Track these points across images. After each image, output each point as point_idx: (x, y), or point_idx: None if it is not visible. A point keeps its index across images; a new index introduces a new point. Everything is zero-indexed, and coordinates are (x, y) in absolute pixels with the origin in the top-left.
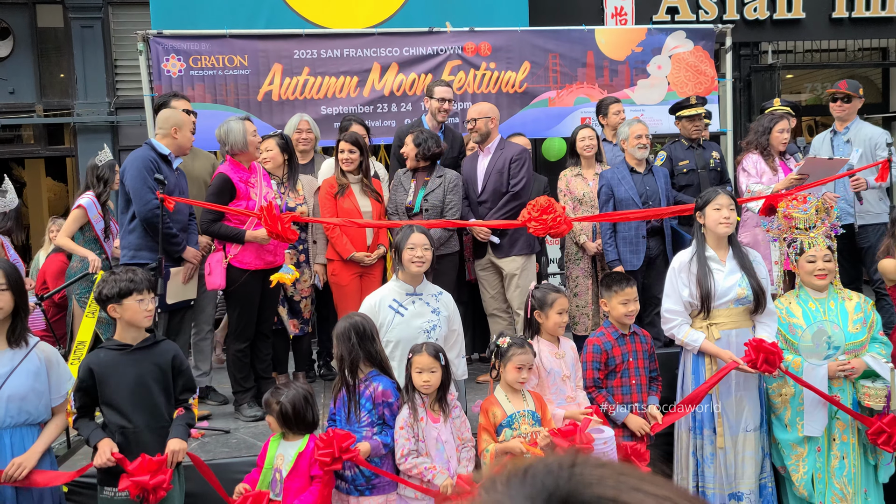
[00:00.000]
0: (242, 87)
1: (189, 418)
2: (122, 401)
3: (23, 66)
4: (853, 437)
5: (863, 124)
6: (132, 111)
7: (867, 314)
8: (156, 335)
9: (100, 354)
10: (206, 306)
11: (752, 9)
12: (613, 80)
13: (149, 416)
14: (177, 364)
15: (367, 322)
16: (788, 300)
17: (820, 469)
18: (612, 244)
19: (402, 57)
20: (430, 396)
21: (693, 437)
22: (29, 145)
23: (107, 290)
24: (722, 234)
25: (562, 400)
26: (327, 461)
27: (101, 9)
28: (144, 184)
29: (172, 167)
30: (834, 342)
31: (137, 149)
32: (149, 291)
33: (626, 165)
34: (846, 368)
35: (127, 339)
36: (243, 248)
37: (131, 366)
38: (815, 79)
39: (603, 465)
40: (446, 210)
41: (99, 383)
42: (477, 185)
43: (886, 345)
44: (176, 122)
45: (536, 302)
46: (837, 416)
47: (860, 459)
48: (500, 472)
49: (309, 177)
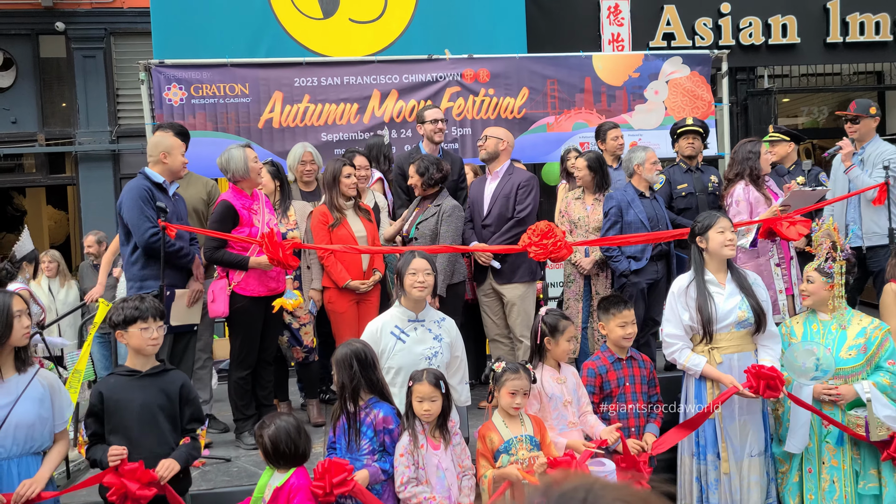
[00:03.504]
0: (243, 114)
1: (193, 448)
2: (128, 425)
3: (25, 96)
4: (844, 462)
5: (880, 143)
6: (134, 140)
7: (871, 341)
8: (166, 363)
9: (110, 380)
10: (202, 334)
11: (747, 34)
12: (611, 105)
13: (154, 442)
14: (185, 393)
15: (367, 349)
16: (797, 320)
17: (811, 490)
18: (619, 257)
19: (401, 84)
20: (431, 423)
21: (697, 463)
22: (30, 174)
23: (115, 316)
24: (726, 256)
25: (563, 426)
26: (320, 494)
27: (104, 39)
28: (141, 213)
29: (169, 194)
30: (823, 365)
31: (132, 179)
32: (154, 319)
33: (634, 189)
34: (832, 393)
35: (136, 365)
36: (247, 275)
37: (139, 391)
38: (811, 102)
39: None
40: (440, 239)
41: (107, 408)
42: (482, 209)
43: (895, 376)
44: (164, 147)
45: (548, 328)
46: (827, 440)
47: (852, 486)
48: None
49: (301, 202)
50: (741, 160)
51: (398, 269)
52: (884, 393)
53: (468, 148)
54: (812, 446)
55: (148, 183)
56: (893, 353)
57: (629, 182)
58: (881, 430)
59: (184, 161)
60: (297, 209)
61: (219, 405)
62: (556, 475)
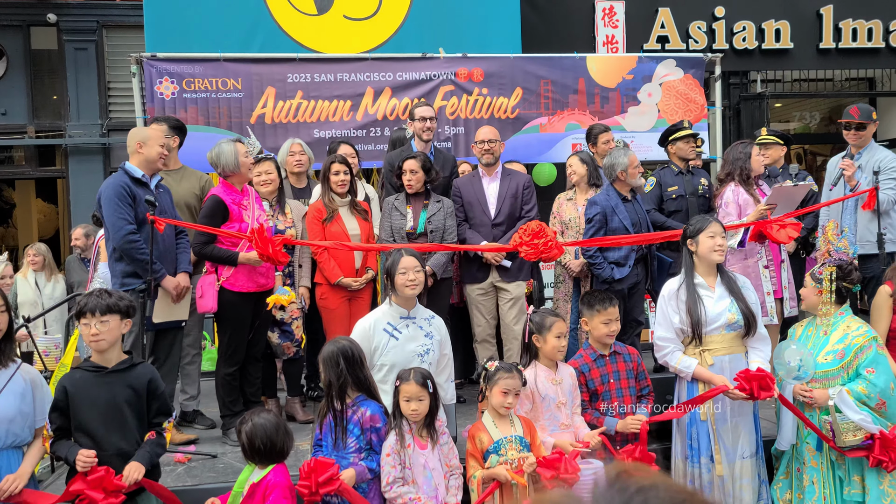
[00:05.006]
0: (235, 109)
1: (158, 443)
2: (93, 423)
3: (15, 88)
4: (823, 464)
5: (877, 149)
6: (125, 133)
7: (849, 347)
8: (133, 358)
9: (75, 375)
10: (191, 329)
11: (741, 38)
12: (604, 106)
13: (120, 439)
14: (152, 388)
15: (354, 346)
16: (802, 323)
17: (799, 489)
18: (603, 265)
19: (395, 82)
20: (418, 423)
21: (690, 466)
22: (20, 166)
23: (75, 308)
24: (715, 261)
25: (555, 427)
26: (306, 493)
27: (96, 31)
28: (116, 213)
29: (150, 187)
30: (804, 366)
31: (111, 175)
32: (95, 315)
33: (617, 194)
34: (806, 396)
35: (101, 360)
36: (236, 270)
37: (104, 388)
38: (803, 107)
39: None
40: (447, 234)
41: (71, 404)
42: (488, 209)
43: (871, 384)
44: (140, 137)
45: (534, 326)
46: (808, 441)
47: (831, 490)
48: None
49: (296, 202)
50: (732, 161)
51: (388, 268)
52: (860, 401)
53: (461, 147)
54: (799, 445)
55: (126, 178)
56: (873, 361)
57: (611, 186)
58: (847, 437)
59: (161, 152)
60: (292, 208)
61: (206, 401)
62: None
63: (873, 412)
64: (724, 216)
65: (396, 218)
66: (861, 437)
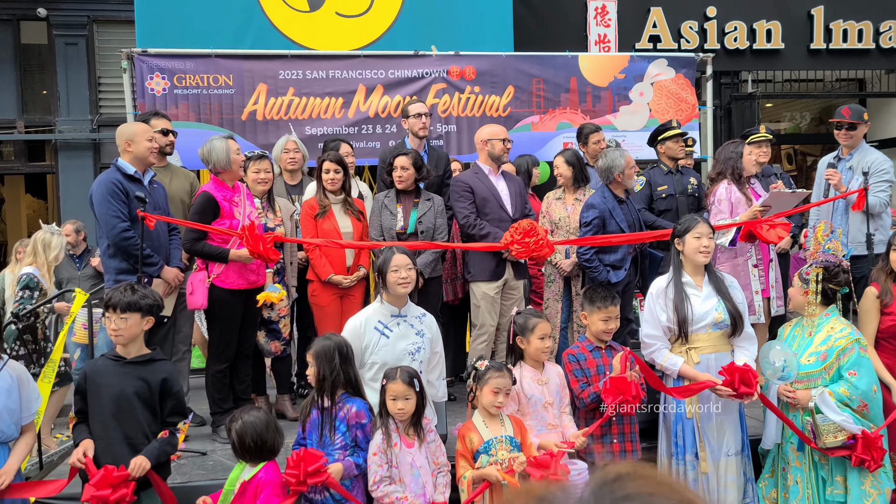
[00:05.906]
0: (227, 106)
1: (168, 442)
2: (103, 409)
3: (5, 82)
4: (805, 464)
5: (868, 150)
6: (115, 129)
7: (832, 349)
8: (155, 354)
9: (98, 362)
10: (183, 326)
11: (732, 38)
12: (596, 105)
13: (127, 430)
14: (167, 386)
15: (347, 344)
16: (790, 324)
17: (784, 488)
18: (599, 268)
19: (387, 79)
20: (405, 422)
21: (675, 464)
22: (9, 161)
23: (104, 301)
24: (700, 262)
25: (542, 427)
26: (293, 482)
27: (86, 26)
28: (109, 210)
29: (143, 184)
30: (788, 367)
31: (103, 172)
32: (116, 311)
33: (613, 196)
34: (790, 396)
35: (121, 351)
36: (226, 267)
37: (118, 377)
38: (794, 108)
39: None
40: (437, 233)
41: (89, 389)
42: (505, 205)
43: (853, 387)
44: (128, 135)
45: (518, 328)
46: (791, 441)
47: (814, 490)
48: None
49: (285, 200)
50: (724, 160)
51: (379, 266)
52: (842, 402)
53: (453, 145)
54: (784, 445)
55: (119, 175)
56: (855, 363)
57: (607, 188)
58: (828, 438)
59: (150, 146)
60: (281, 206)
61: (196, 398)
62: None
63: (855, 414)
64: (716, 213)
65: (386, 217)
66: (843, 439)
